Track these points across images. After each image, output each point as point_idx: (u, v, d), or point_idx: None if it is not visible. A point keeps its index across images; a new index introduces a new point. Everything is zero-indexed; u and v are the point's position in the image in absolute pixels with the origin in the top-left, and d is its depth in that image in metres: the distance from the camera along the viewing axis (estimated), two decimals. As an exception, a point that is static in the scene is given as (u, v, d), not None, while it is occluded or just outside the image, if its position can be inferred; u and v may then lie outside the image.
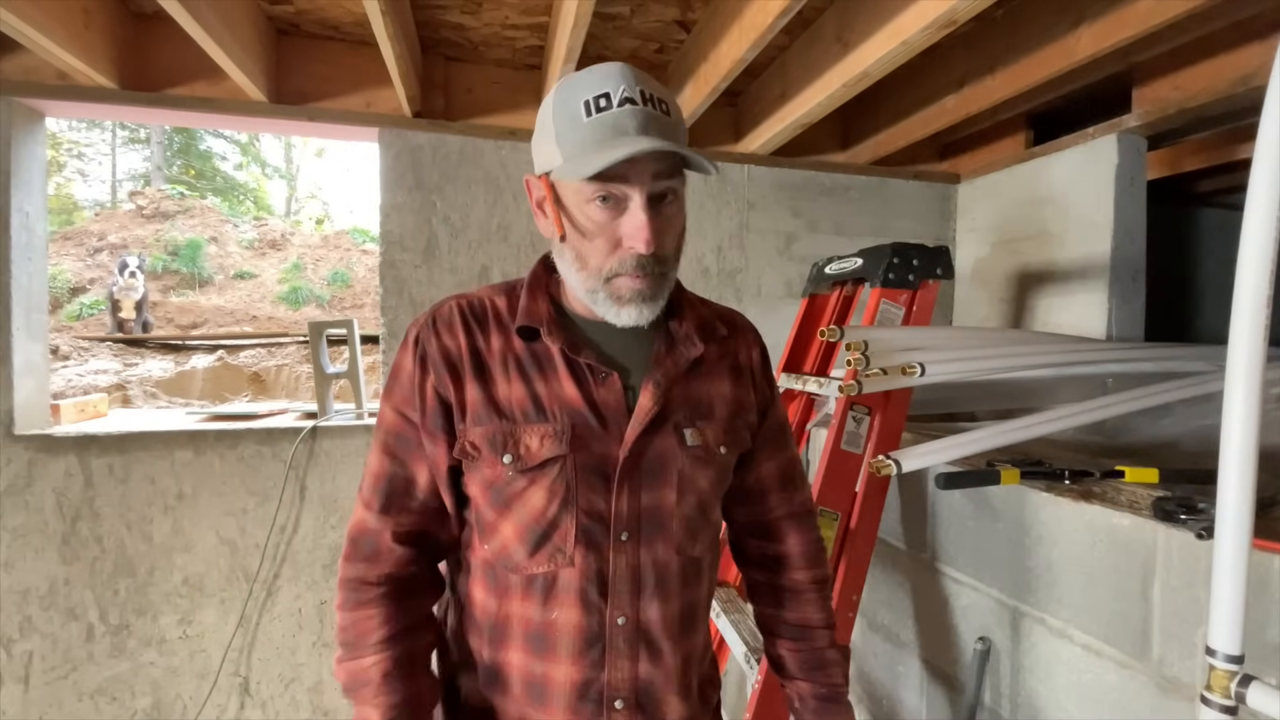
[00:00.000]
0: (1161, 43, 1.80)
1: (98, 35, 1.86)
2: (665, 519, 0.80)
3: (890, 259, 1.55)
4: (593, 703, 0.78)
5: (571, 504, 0.77)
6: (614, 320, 0.78)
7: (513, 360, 0.80)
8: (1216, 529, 0.73)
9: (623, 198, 0.72)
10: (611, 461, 0.78)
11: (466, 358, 0.79)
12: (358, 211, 16.63)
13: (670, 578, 0.81)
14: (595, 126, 0.70)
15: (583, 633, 0.77)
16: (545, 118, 0.76)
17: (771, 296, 2.59)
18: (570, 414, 0.78)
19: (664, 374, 0.81)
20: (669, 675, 0.81)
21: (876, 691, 1.66)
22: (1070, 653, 1.13)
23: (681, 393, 0.83)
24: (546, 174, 0.76)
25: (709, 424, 0.84)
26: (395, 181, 2.20)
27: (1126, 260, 2.18)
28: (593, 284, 0.76)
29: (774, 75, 2.20)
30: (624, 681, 0.78)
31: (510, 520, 0.78)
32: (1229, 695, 0.72)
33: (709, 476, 0.84)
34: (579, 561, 0.77)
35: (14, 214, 1.94)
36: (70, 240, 6.90)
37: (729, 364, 0.89)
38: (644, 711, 0.80)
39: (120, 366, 4.40)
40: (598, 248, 0.74)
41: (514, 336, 0.80)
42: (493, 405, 0.78)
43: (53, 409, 2.15)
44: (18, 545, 2.00)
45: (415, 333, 0.82)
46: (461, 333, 0.80)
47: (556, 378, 0.79)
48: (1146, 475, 1.15)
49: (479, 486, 0.79)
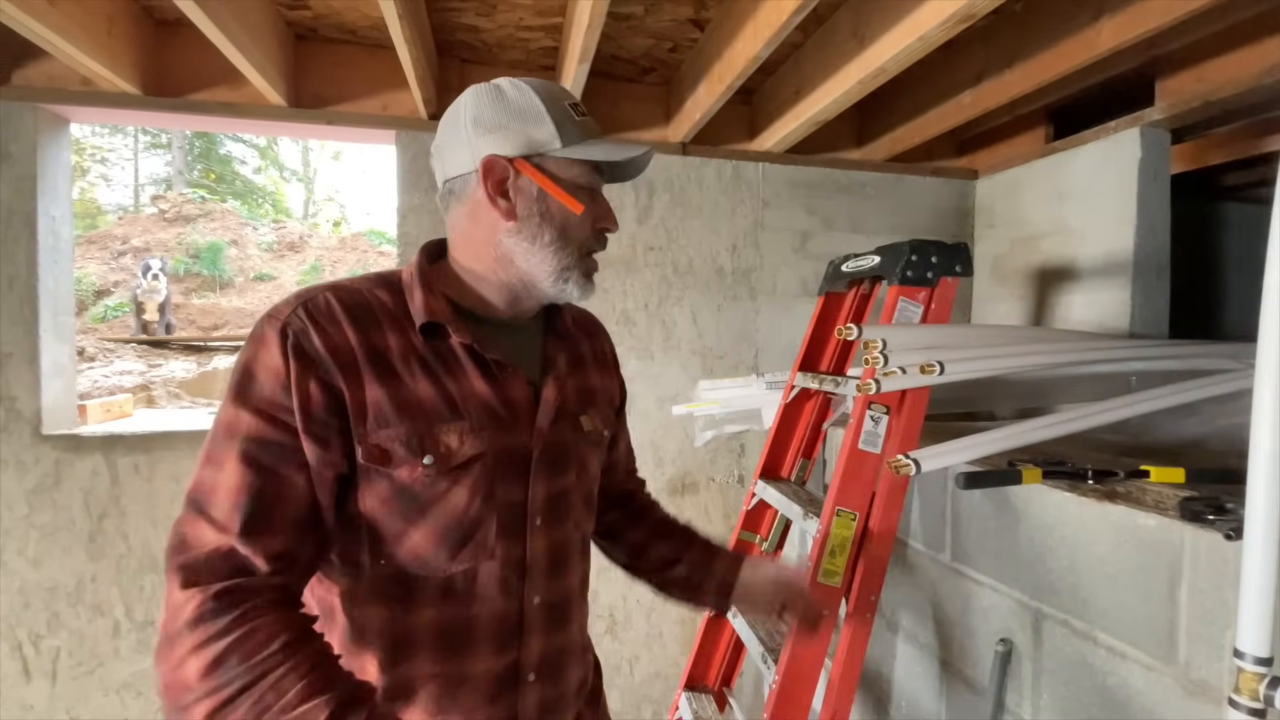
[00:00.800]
0: (1185, 34, 1.76)
1: (121, 42, 1.89)
2: (569, 500, 0.86)
3: (908, 256, 1.54)
4: (510, 683, 0.80)
5: (492, 499, 0.77)
6: (570, 298, 0.84)
7: (415, 357, 0.75)
8: (1245, 529, 0.72)
9: (598, 188, 0.85)
10: (525, 453, 0.81)
11: (363, 355, 0.72)
12: (374, 214, 16.80)
13: (573, 554, 0.88)
14: (586, 125, 0.81)
15: (503, 620, 0.79)
16: (527, 104, 0.78)
17: (787, 295, 2.58)
18: (483, 410, 0.77)
19: (560, 368, 0.88)
20: (570, 641, 0.87)
21: (894, 693, 1.65)
22: (1094, 655, 1.11)
23: (572, 385, 0.89)
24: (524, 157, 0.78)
25: (595, 410, 0.93)
26: (412, 183, 2.22)
27: (1150, 256, 2.14)
28: (570, 260, 0.81)
29: (789, 72, 2.19)
30: (536, 656, 0.82)
31: (425, 525, 0.74)
32: (1257, 698, 0.71)
33: (596, 458, 0.93)
34: (499, 553, 0.78)
35: (41, 218, 1.98)
36: (94, 244, 7.03)
37: (598, 358, 0.99)
38: (551, 680, 0.84)
39: (144, 367, 4.48)
40: (585, 223, 0.82)
41: (413, 333, 0.76)
42: (400, 406, 0.72)
43: (79, 409, 2.20)
44: (46, 543, 2.05)
45: (280, 324, 0.70)
46: (349, 327, 0.73)
47: (464, 375, 0.77)
48: (1173, 475, 1.13)
49: (381, 496, 0.72)
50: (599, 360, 0.98)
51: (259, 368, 0.69)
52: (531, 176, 0.78)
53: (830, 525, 1.40)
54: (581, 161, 0.80)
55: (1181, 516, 0.98)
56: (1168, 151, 2.16)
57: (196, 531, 0.65)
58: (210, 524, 0.65)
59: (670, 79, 2.39)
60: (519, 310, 0.86)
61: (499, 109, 0.78)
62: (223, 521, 0.64)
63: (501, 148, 0.77)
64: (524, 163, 0.78)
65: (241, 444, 0.67)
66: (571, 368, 0.90)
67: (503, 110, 0.78)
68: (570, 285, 0.82)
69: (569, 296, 0.84)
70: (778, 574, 1.08)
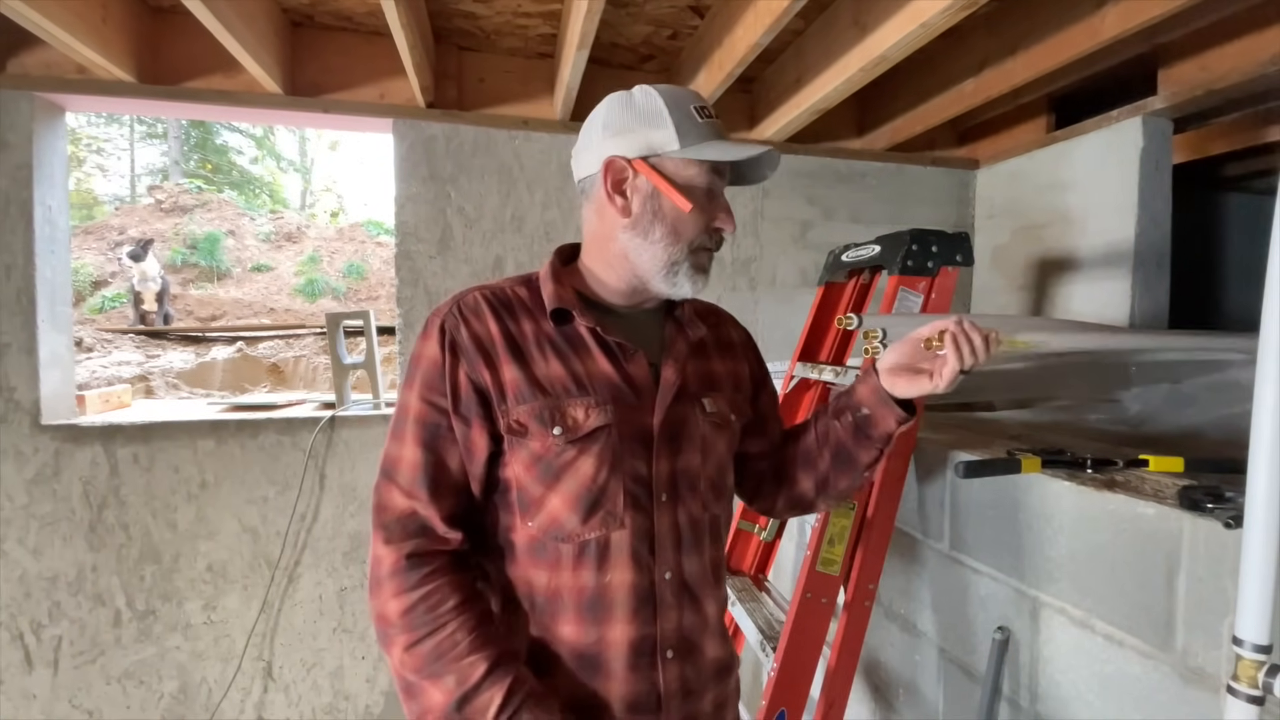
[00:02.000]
0: (1188, 22, 1.75)
1: (115, 30, 1.87)
2: (695, 480, 0.89)
3: (909, 245, 1.53)
4: (647, 656, 0.83)
5: (619, 469, 0.83)
6: (683, 292, 0.88)
7: (547, 342, 0.86)
8: (1245, 517, 0.72)
9: (717, 189, 0.88)
10: (648, 430, 0.86)
11: (500, 342, 0.84)
12: (372, 204, 16.71)
13: (702, 533, 0.90)
14: (710, 127, 0.85)
15: (636, 591, 0.83)
16: (651, 107, 0.84)
17: (787, 285, 2.57)
18: (608, 388, 0.85)
19: (680, 352, 0.92)
20: (707, 622, 0.89)
21: (892, 680, 1.66)
22: (1092, 643, 1.11)
23: (693, 369, 0.93)
24: (642, 158, 0.84)
25: (719, 395, 0.95)
26: (409, 172, 2.21)
27: (1151, 246, 2.13)
28: (679, 255, 0.86)
29: (789, 60, 2.18)
30: (672, 632, 0.85)
31: (559, 491, 0.82)
32: (1256, 685, 0.71)
33: (724, 440, 0.94)
34: (629, 523, 0.83)
35: (37, 207, 1.97)
36: (91, 235, 7.00)
37: (722, 345, 1.02)
38: (689, 658, 0.86)
39: (143, 358, 4.47)
40: (698, 221, 0.86)
41: (545, 320, 0.86)
42: (534, 383, 0.83)
43: (78, 400, 2.19)
44: (46, 533, 2.05)
45: (440, 321, 0.84)
46: (491, 319, 0.85)
47: (590, 356, 0.86)
48: (1171, 464, 1.13)
49: (524, 463, 0.82)
50: (723, 346, 1.01)
51: (423, 359, 0.84)
52: (647, 175, 0.84)
53: (829, 514, 1.41)
54: (699, 162, 0.84)
55: (1180, 505, 0.98)
56: (1169, 141, 2.15)
57: (390, 495, 0.81)
58: (399, 489, 0.81)
59: (670, 67, 2.37)
60: (639, 301, 0.92)
61: (625, 113, 0.86)
62: (407, 488, 0.81)
63: (623, 149, 0.84)
64: (642, 163, 0.84)
65: (413, 426, 0.82)
66: (693, 353, 0.94)
67: (629, 114, 0.85)
68: (680, 279, 0.87)
69: (680, 291, 0.88)
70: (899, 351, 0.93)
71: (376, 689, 2.34)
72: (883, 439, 0.94)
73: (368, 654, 2.33)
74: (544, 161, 2.31)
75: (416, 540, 0.79)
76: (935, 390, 0.87)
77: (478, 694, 0.75)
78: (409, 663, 0.77)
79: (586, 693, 0.82)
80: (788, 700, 1.40)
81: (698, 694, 0.87)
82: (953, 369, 0.85)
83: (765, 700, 1.39)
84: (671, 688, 0.84)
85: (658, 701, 0.83)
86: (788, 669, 1.40)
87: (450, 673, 0.75)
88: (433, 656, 0.76)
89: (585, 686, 0.82)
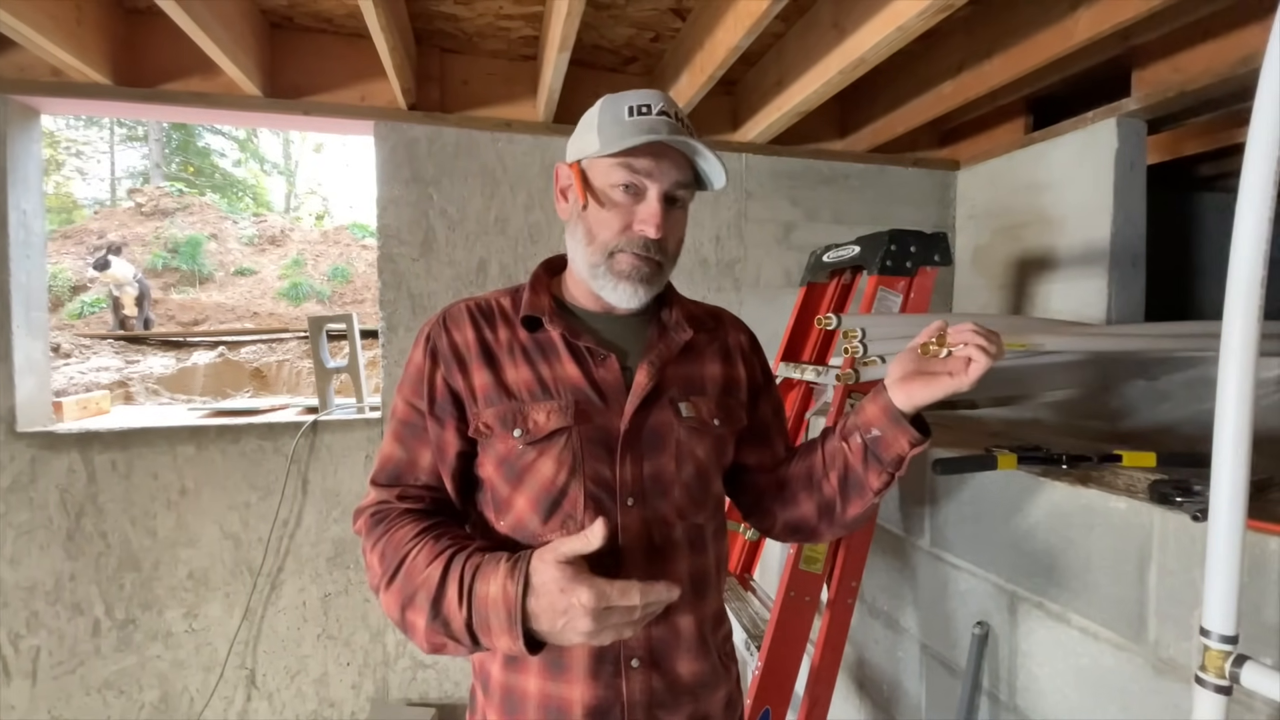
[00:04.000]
0: (1161, 24, 1.78)
1: (90, 31, 1.85)
2: (668, 485, 0.86)
3: (888, 246, 1.55)
4: (610, 664, 0.82)
5: (578, 472, 0.83)
6: (611, 299, 0.88)
7: (519, 348, 0.88)
8: (1210, 510, 0.73)
9: (642, 188, 0.84)
10: (614, 433, 0.85)
11: (474, 349, 0.87)
12: (357, 207, 16.59)
13: (677, 541, 0.87)
14: (634, 124, 0.83)
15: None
16: (590, 117, 0.88)
17: (771, 286, 2.59)
18: (573, 391, 0.85)
19: (658, 355, 0.90)
20: (679, 635, 0.86)
21: (876, 677, 1.67)
22: (1068, 636, 1.13)
23: (675, 372, 0.91)
24: (577, 161, 0.87)
25: (702, 399, 0.92)
26: (392, 175, 2.20)
27: (1126, 245, 2.17)
28: (597, 258, 0.86)
29: (770, 63, 2.19)
30: (638, 641, 0.83)
31: (523, 492, 0.84)
32: (1223, 675, 0.72)
33: (705, 446, 0.91)
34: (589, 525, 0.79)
35: (11, 212, 1.94)
36: (70, 239, 6.90)
37: (718, 348, 0.99)
38: (658, 669, 0.84)
39: (122, 364, 4.41)
40: (610, 223, 0.85)
41: (519, 327, 0.89)
42: (502, 388, 0.85)
43: (55, 406, 2.16)
44: (23, 541, 2.02)
45: (427, 331, 0.90)
46: (469, 328, 0.89)
47: (559, 361, 0.87)
48: (1144, 459, 1.15)
49: (493, 464, 0.85)
50: (719, 350, 0.98)
51: (410, 364, 0.90)
52: (574, 178, 0.87)
53: (812, 513, 1.41)
54: (620, 164, 0.83)
55: (1151, 499, 1.00)
56: (1144, 141, 2.18)
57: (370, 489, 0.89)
58: (373, 485, 0.88)
59: (653, 69, 2.38)
60: (607, 306, 0.91)
61: (581, 122, 0.90)
62: (376, 477, 0.88)
63: (569, 156, 0.90)
64: (574, 166, 0.87)
65: (395, 425, 0.89)
66: (677, 357, 0.92)
67: (581, 123, 0.90)
68: (603, 284, 0.87)
69: (610, 297, 0.88)
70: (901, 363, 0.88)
71: (362, 695, 2.32)
72: (894, 462, 0.87)
73: (352, 660, 2.31)
74: (527, 163, 2.31)
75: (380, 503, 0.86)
76: (960, 389, 0.82)
77: (443, 596, 0.74)
78: (391, 603, 0.79)
79: (551, 693, 0.82)
80: (772, 698, 1.41)
81: (668, 708, 0.85)
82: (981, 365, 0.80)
83: (750, 699, 1.39)
84: (635, 698, 0.83)
85: (621, 711, 0.82)
86: (772, 667, 1.41)
87: (419, 589, 0.76)
88: (404, 584, 0.77)
89: (553, 688, 0.82)
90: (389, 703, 2.32)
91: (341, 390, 2.54)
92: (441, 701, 2.36)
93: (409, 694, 2.34)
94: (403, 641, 2.33)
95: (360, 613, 2.31)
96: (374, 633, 2.33)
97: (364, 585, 2.30)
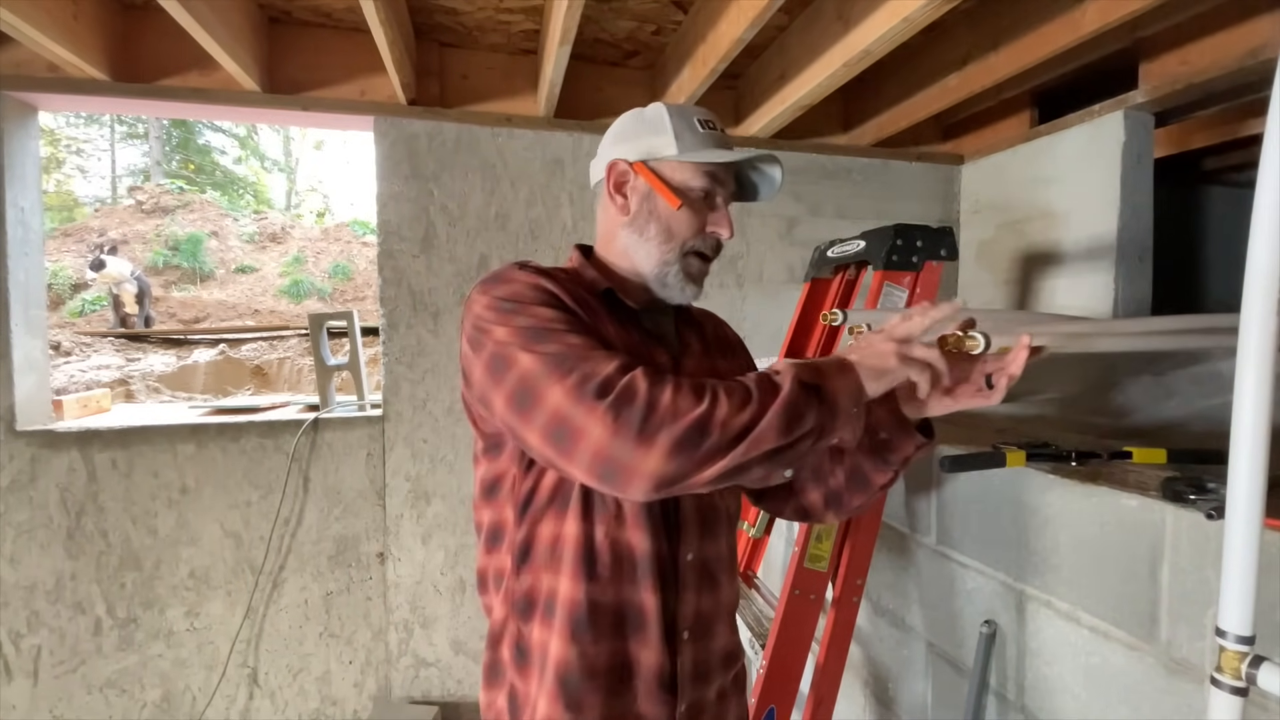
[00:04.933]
0: (1169, 15, 1.76)
1: (87, 27, 1.83)
2: None
3: (893, 240, 1.53)
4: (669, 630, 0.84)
5: None
6: (674, 296, 0.91)
7: (602, 313, 0.86)
8: (1227, 508, 0.71)
9: (714, 194, 0.90)
10: None
11: (571, 300, 0.81)
12: (358, 204, 16.53)
13: (720, 521, 0.92)
14: (709, 137, 0.89)
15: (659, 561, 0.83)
16: (657, 122, 0.90)
17: (774, 282, 2.57)
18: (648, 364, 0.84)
19: (695, 349, 0.96)
20: (720, 607, 0.91)
21: (881, 675, 1.66)
22: (1077, 635, 1.12)
23: (706, 365, 0.96)
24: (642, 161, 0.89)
25: None
26: (391, 170, 2.19)
27: (1133, 240, 2.15)
28: (671, 256, 0.89)
29: (773, 56, 2.17)
30: (691, 613, 0.86)
31: None
32: (1239, 676, 0.71)
33: None
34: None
35: (9, 209, 1.93)
36: (71, 237, 6.89)
37: (722, 344, 1.05)
38: (701, 641, 0.88)
39: (123, 362, 4.40)
40: (691, 223, 0.88)
41: (591, 298, 0.86)
42: (608, 342, 0.81)
43: (55, 405, 2.15)
44: (23, 541, 2.01)
45: (517, 267, 0.83)
46: (551, 282, 0.81)
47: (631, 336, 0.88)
48: (1154, 456, 1.14)
49: None
50: (723, 344, 1.04)
51: (528, 288, 0.79)
52: (644, 176, 0.88)
53: (817, 511, 1.40)
54: (696, 167, 0.87)
55: (1163, 496, 0.98)
56: (1151, 134, 2.16)
57: (594, 369, 0.71)
58: (580, 370, 0.71)
59: (654, 63, 2.36)
60: (645, 300, 0.93)
61: (634, 123, 0.92)
62: (593, 356, 0.73)
63: (626, 153, 0.90)
64: (641, 165, 0.89)
65: (556, 324, 0.76)
66: (703, 350, 0.98)
67: (636, 124, 0.92)
68: (670, 281, 0.89)
69: (670, 294, 0.90)
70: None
71: (364, 693, 2.31)
72: (899, 462, 0.90)
73: (355, 658, 2.31)
74: (528, 158, 2.29)
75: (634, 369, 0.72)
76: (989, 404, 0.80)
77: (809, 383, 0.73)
78: (768, 422, 0.70)
79: (618, 651, 0.82)
80: (777, 697, 1.40)
81: (706, 680, 0.88)
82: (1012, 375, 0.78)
83: (755, 698, 1.38)
84: (686, 671, 0.85)
85: (673, 681, 0.84)
86: (777, 666, 1.40)
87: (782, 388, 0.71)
88: (761, 402, 0.71)
89: (617, 645, 0.81)
90: (392, 701, 2.32)
91: (342, 388, 2.53)
92: (444, 700, 2.36)
93: (412, 692, 2.34)
94: (405, 639, 2.32)
95: (362, 611, 2.30)
96: (376, 631, 2.32)
97: (366, 583, 2.29)
